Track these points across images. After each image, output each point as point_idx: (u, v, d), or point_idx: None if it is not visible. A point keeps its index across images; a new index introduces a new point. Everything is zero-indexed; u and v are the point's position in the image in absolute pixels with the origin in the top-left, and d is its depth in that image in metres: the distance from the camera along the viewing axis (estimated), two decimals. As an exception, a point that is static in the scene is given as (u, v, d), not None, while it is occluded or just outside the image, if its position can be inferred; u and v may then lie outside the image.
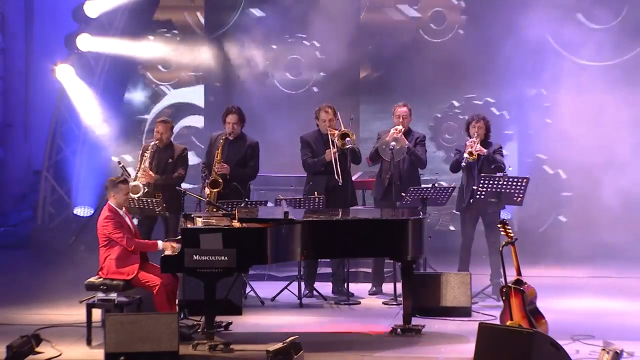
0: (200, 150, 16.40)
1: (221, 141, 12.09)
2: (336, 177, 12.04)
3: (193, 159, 15.32)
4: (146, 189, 12.00)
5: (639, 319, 11.06)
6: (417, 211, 11.26)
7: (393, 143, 12.06)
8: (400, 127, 12.20)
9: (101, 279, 10.13)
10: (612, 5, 16.09)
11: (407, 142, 12.17)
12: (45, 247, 16.13)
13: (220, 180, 11.92)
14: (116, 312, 9.88)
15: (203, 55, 16.97)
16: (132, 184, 11.50)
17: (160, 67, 17.45)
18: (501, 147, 12.34)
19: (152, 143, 12.31)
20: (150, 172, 12.08)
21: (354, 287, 12.47)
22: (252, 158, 12.22)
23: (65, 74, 16.49)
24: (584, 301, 12.10)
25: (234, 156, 12.14)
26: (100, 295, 10.11)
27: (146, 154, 12.20)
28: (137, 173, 12.10)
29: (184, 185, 12.93)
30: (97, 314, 10.23)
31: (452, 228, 16.11)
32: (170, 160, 12.31)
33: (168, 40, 17.17)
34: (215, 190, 11.89)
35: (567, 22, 15.86)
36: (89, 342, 9.97)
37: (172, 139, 12.56)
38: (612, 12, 16.10)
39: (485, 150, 12.06)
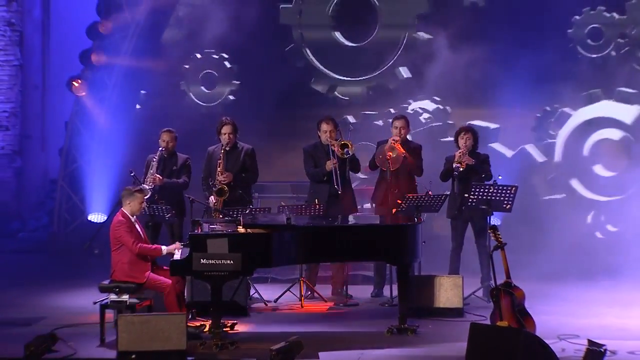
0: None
1: (221, 153, 12.12)
2: (335, 186, 12.06)
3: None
4: (155, 196, 12.04)
5: (621, 319, 11.10)
6: (412, 217, 11.30)
7: (390, 152, 12.10)
8: (397, 137, 12.25)
9: (114, 282, 10.19)
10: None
11: (403, 152, 12.19)
12: (61, 251, 16.18)
13: (227, 189, 11.95)
14: (128, 312, 9.93)
15: None
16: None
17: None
18: (488, 157, 12.40)
19: (159, 149, 12.30)
20: (158, 176, 12.12)
21: (352, 289, 12.50)
22: (250, 163, 12.26)
23: (80, 88, 16.54)
24: (570, 303, 12.12)
25: (233, 165, 12.16)
26: (113, 297, 10.16)
27: (153, 162, 12.21)
28: (144, 178, 12.13)
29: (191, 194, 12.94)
30: (110, 314, 10.27)
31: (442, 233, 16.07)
32: (174, 168, 12.35)
33: None
34: (221, 198, 11.91)
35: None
36: (102, 341, 10.03)
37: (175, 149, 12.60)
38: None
39: (473, 160, 12.10)
